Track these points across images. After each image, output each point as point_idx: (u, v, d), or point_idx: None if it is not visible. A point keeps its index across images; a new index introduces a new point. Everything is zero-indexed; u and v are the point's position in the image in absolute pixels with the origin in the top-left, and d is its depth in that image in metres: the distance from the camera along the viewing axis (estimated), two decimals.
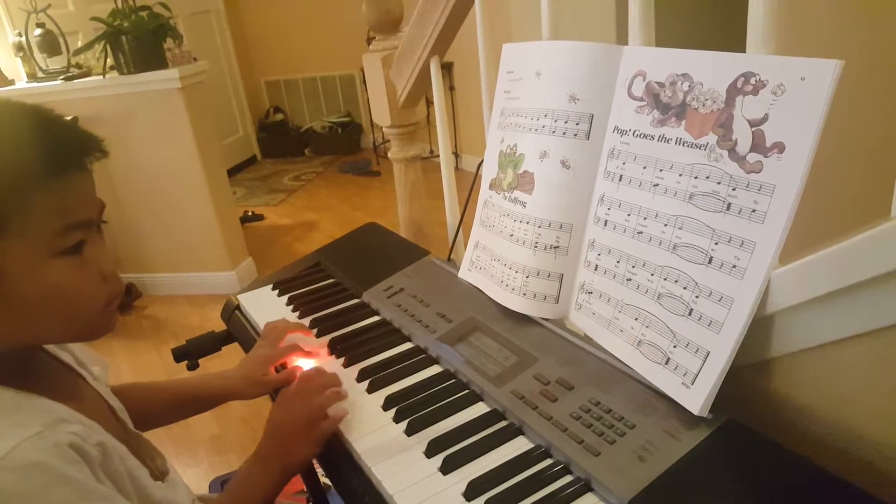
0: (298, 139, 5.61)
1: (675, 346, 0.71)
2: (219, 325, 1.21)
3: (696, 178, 0.71)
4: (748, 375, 0.70)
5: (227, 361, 1.10)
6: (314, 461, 0.84)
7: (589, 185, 0.86)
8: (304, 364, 0.99)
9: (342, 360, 0.96)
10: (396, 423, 0.81)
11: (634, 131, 0.79)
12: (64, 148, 0.63)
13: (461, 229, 1.21)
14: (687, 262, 0.71)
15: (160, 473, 0.78)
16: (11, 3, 3.60)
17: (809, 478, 0.61)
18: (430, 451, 0.74)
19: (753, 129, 0.65)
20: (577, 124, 0.86)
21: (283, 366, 1.00)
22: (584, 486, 0.67)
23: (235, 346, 1.17)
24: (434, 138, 4.10)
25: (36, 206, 0.60)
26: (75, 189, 0.63)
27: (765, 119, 0.64)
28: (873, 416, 0.63)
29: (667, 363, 0.72)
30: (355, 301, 1.13)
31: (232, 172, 5.01)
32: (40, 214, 0.60)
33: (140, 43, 2.75)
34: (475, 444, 0.74)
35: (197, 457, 2.10)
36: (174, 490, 0.79)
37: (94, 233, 0.65)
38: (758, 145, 0.64)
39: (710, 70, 0.70)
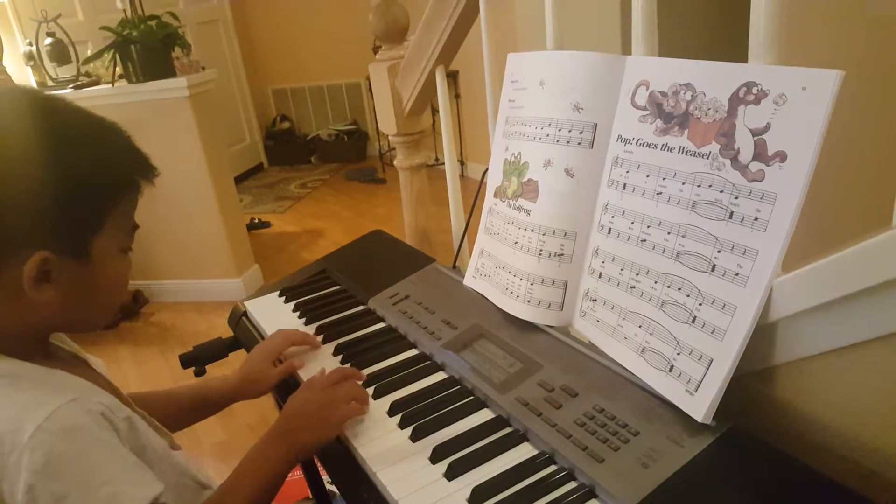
0: (305, 147, 5.64)
1: (678, 354, 0.72)
2: (225, 332, 1.22)
3: (698, 186, 0.71)
4: (752, 383, 0.71)
5: (233, 368, 1.10)
6: (322, 470, 0.85)
7: (593, 193, 0.86)
8: (306, 360, 1.00)
9: (348, 365, 0.97)
10: (402, 428, 0.81)
11: (638, 140, 0.80)
12: (146, 161, 0.75)
13: (466, 237, 1.22)
14: (690, 269, 0.72)
15: (174, 446, 0.82)
16: (22, 13, 3.64)
17: (813, 485, 0.61)
18: (436, 456, 0.75)
19: (755, 139, 0.66)
20: (581, 133, 0.86)
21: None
22: (588, 493, 0.67)
23: (242, 352, 1.17)
24: (439, 146, 4.12)
25: (123, 207, 0.72)
26: (139, 197, 0.74)
27: (767, 128, 0.65)
28: (877, 424, 0.63)
29: (670, 370, 0.72)
30: (361, 308, 1.14)
31: (239, 180, 5.03)
32: (124, 215, 0.72)
33: (149, 52, 2.78)
34: (480, 450, 0.75)
35: (203, 463, 2.11)
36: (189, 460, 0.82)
37: None
38: (760, 154, 0.65)
39: (712, 80, 0.70)
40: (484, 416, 0.81)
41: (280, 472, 0.79)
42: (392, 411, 0.84)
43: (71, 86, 3.03)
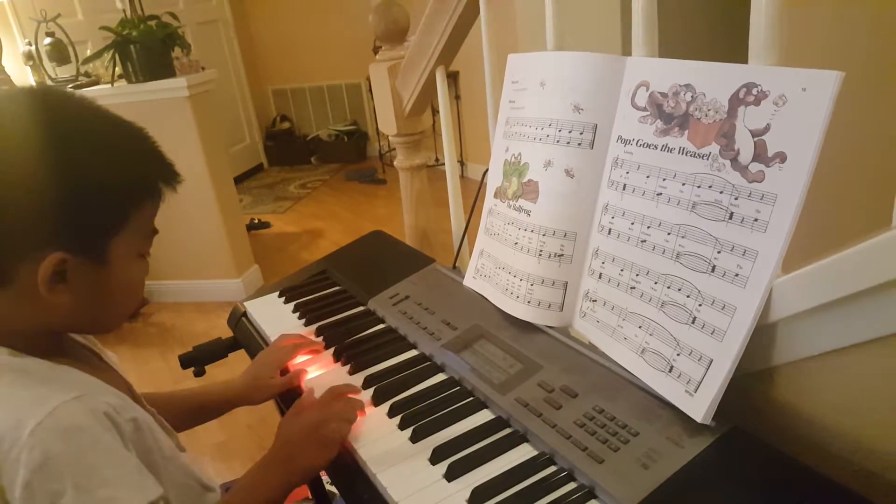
0: (305, 147, 5.63)
1: (678, 354, 0.72)
2: (225, 333, 1.22)
3: (698, 187, 0.71)
4: (751, 383, 0.71)
5: (233, 368, 1.11)
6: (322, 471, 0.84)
7: (593, 193, 0.86)
8: (310, 369, 0.99)
9: (348, 367, 0.96)
10: (401, 430, 0.81)
11: (638, 141, 0.80)
12: (169, 166, 0.74)
13: (466, 237, 1.22)
14: (690, 270, 0.72)
15: (180, 447, 0.82)
16: (21, 13, 3.65)
17: (812, 486, 0.61)
18: (435, 457, 0.75)
19: (755, 139, 0.66)
20: (581, 134, 0.86)
21: (288, 371, 1.00)
22: (588, 494, 0.67)
23: (242, 353, 1.17)
24: (439, 147, 4.12)
25: (145, 210, 0.71)
26: (160, 203, 0.74)
27: (767, 129, 0.65)
28: (877, 426, 0.63)
29: (670, 371, 0.72)
30: (361, 308, 1.14)
31: (239, 180, 5.03)
32: (145, 218, 0.72)
33: (148, 52, 2.78)
34: (480, 451, 0.75)
35: (202, 463, 2.11)
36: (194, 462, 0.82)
37: None
38: (760, 155, 0.65)
39: (712, 81, 0.70)
40: (484, 416, 0.81)
41: (278, 496, 0.79)
42: (392, 412, 0.84)
43: (70, 86, 3.02)
